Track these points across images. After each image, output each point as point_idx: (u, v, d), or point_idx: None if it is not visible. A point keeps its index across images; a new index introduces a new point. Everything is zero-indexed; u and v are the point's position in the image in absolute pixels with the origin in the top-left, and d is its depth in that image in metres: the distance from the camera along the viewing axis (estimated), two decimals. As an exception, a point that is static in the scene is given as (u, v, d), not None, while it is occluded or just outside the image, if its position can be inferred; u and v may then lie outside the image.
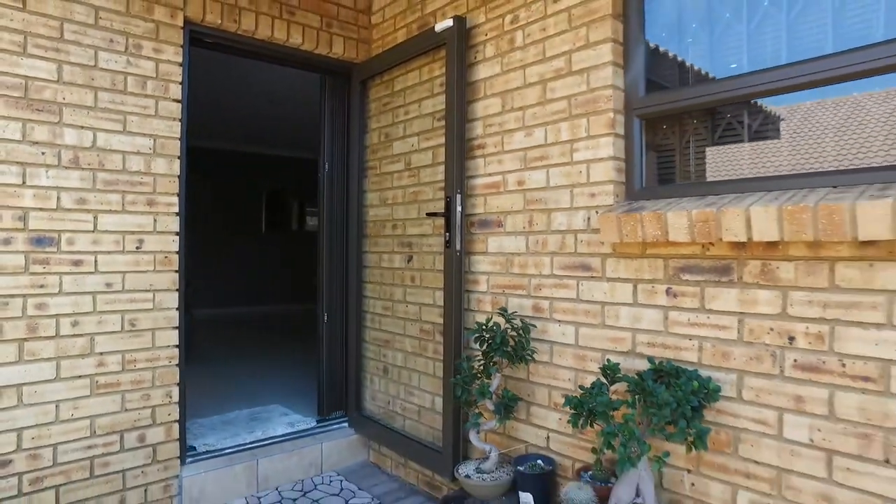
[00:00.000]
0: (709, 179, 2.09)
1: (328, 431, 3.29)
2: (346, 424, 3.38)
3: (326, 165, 3.42)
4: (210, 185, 8.68)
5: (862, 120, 1.63)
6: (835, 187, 1.62)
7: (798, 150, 1.80)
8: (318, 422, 3.36)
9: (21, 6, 2.25)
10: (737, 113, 2.03)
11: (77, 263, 2.40)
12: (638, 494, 1.83)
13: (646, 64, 2.13)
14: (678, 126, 2.19)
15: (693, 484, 1.87)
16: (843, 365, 1.54)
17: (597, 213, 2.15)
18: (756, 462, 1.72)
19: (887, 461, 1.46)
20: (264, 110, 6.77)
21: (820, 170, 1.71)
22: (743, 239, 1.66)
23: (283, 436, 3.15)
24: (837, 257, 1.55)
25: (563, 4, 2.28)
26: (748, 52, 1.94)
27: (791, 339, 1.65)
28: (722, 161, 2.11)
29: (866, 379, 1.50)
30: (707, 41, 2.07)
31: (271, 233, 10.00)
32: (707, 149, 2.16)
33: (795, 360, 1.64)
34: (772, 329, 1.69)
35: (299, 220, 11.34)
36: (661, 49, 2.17)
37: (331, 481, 3.07)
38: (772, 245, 1.68)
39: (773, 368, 1.69)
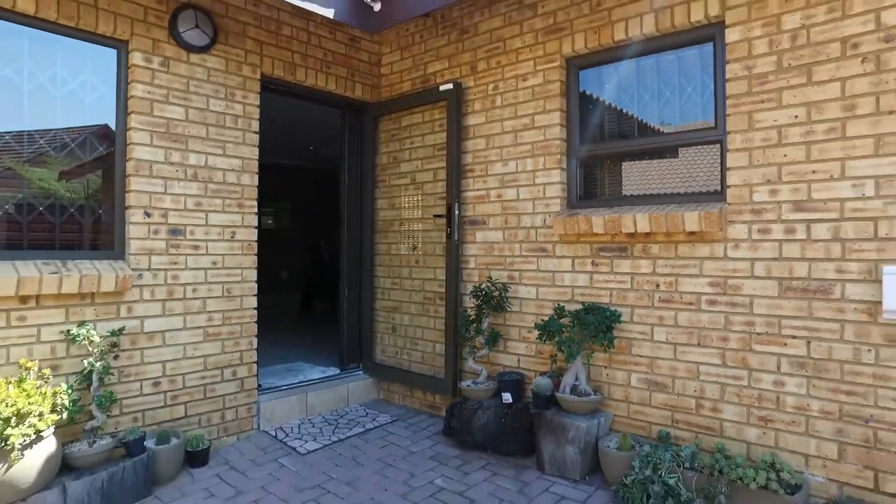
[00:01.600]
0: (619, 195, 3.44)
1: (350, 376, 4.42)
2: (360, 372, 4.52)
3: (347, 178, 4.55)
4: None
5: (694, 166, 3.03)
6: (679, 203, 3.00)
7: (663, 181, 3.18)
8: (340, 370, 4.48)
9: (165, 69, 3.26)
10: (634, 156, 3.40)
11: (195, 248, 3.41)
12: (577, 380, 3.15)
13: (581, 124, 3.47)
14: (599, 162, 3.54)
15: (608, 374, 3.21)
16: (682, 297, 2.92)
17: (550, 216, 3.46)
18: (640, 356, 3.08)
19: (699, 344, 2.85)
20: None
21: (673, 192, 3.10)
22: (633, 231, 3.01)
23: (319, 378, 4.26)
24: (678, 241, 2.93)
25: (529, 83, 3.57)
26: (637, 123, 3.32)
27: (657, 286, 3.02)
28: (626, 183, 3.47)
29: (691, 304, 2.89)
30: (617, 110, 3.43)
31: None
32: (621, 170, 3.51)
33: (659, 297, 3.01)
34: (648, 281, 3.05)
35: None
36: (606, 104, 3.50)
37: (356, 409, 4.21)
38: (647, 234, 3.04)
39: (648, 303, 3.05)
